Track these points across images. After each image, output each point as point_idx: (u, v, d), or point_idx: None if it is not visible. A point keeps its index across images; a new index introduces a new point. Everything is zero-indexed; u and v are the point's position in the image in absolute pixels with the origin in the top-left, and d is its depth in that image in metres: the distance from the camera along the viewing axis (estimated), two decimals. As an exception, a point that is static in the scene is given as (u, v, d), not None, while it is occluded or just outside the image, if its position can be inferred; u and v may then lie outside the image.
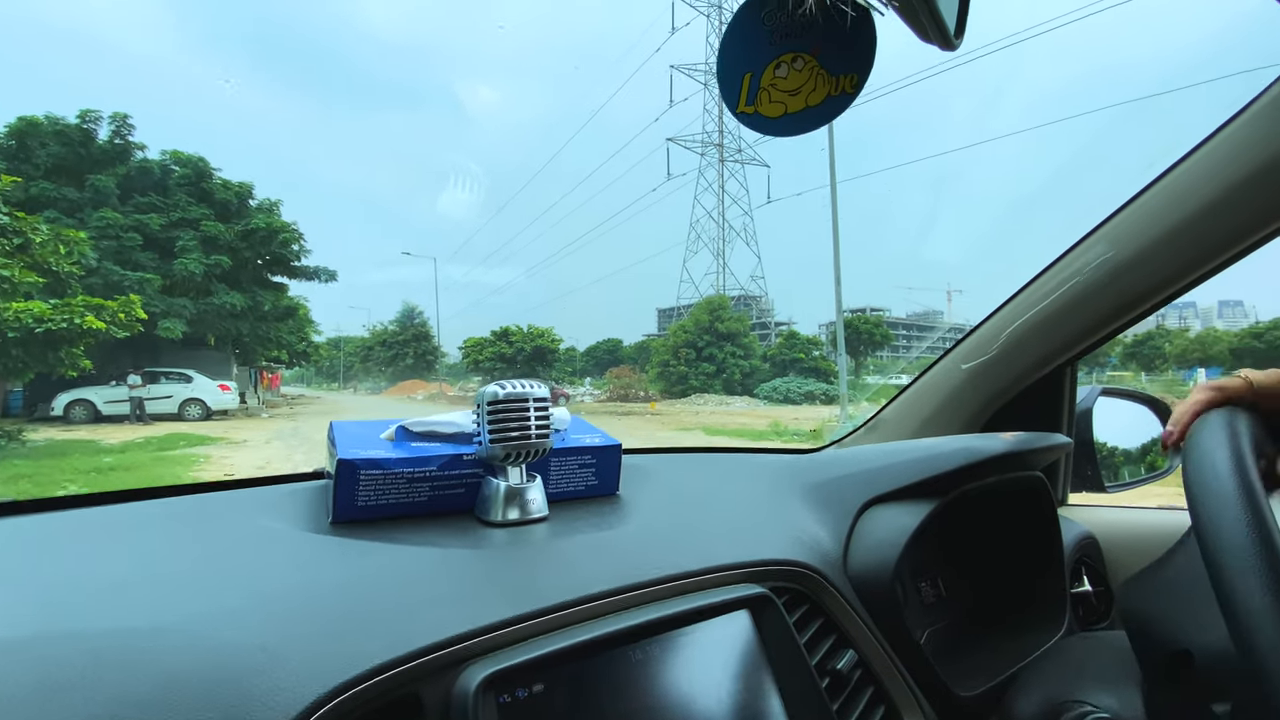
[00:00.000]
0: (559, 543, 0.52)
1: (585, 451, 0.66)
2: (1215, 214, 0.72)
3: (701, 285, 40.32)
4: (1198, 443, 0.41)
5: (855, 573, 0.58)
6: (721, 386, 24.46)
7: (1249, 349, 19.74)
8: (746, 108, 0.38)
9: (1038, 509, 0.76)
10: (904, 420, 1.10)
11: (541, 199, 56.44)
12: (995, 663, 0.65)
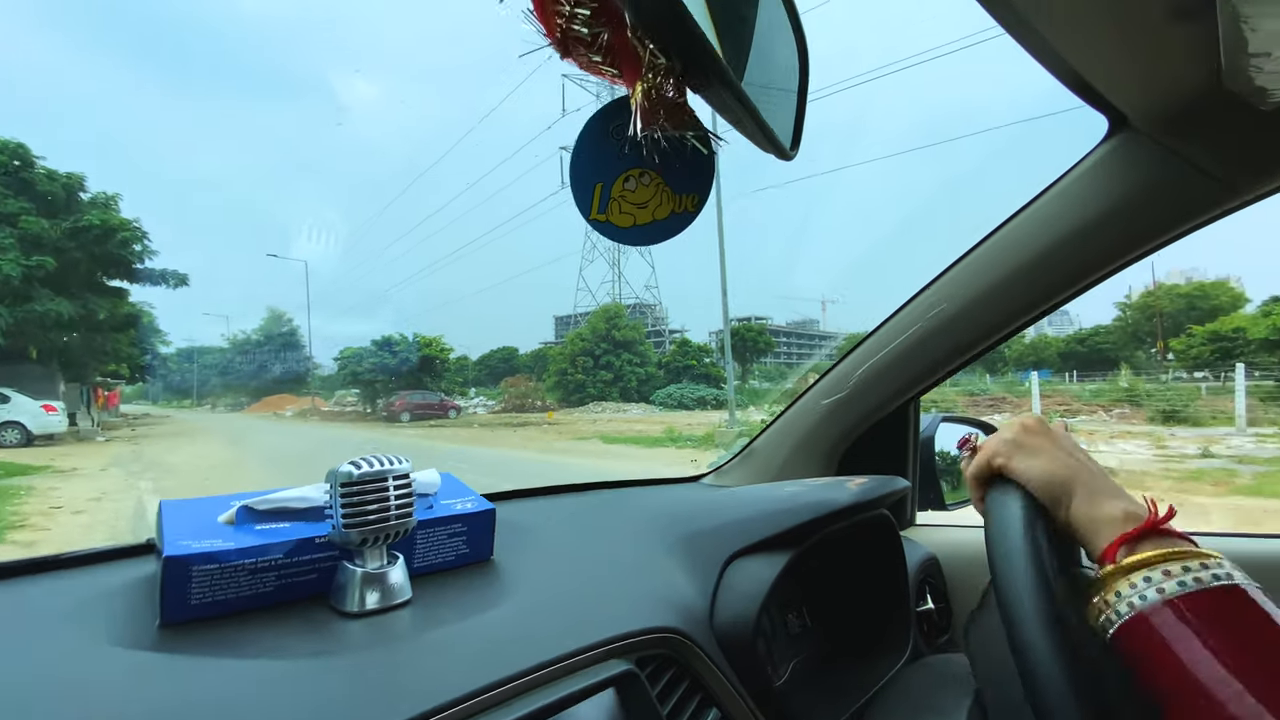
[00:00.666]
0: (424, 636, 0.50)
1: (456, 520, 0.64)
2: (1030, 274, 0.84)
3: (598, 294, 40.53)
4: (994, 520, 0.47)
5: (720, 627, 0.60)
6: (619, 394, 24.68)
7: (1073, 352, 22.98)
8: (599, 215, 0.39)
9: (885, 542, 0.83)
10: (774, 451, 1.17)
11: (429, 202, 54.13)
12: (847, 693, 0.70)
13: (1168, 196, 0.70)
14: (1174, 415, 12.28)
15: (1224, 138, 0.65)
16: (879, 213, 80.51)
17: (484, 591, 0.58)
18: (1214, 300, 19.85)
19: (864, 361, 1.04)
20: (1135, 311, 21.70)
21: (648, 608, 0.57)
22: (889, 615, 0.82)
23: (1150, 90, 0.62)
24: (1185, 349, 17.27)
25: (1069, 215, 0.78)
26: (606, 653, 0.50)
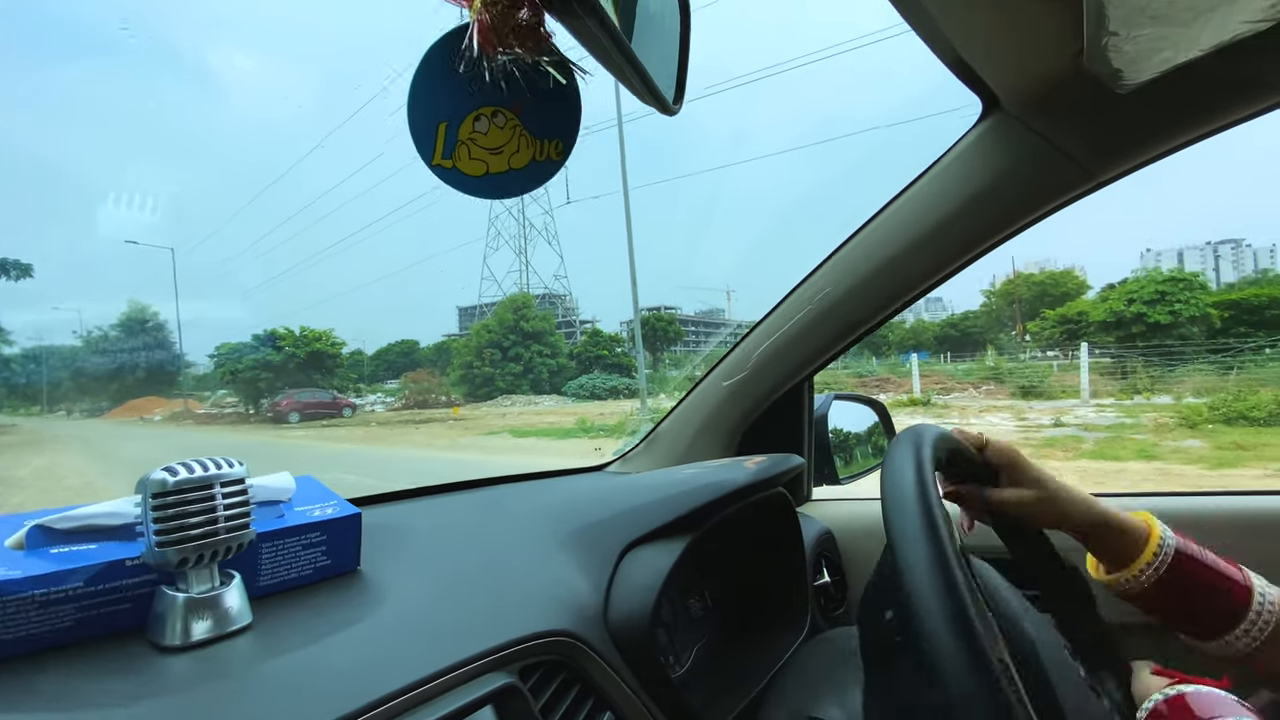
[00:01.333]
0: (262, 667, 0.42)
1: (312, 529, 0.55)
2: (909, 255, 0.86)
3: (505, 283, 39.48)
4: (891, 458, 0.47)
5: (615, 623, 0.57)
6: (529, 386, 24.23)
7: (947, 335, 25.14)
8: (443, 161, 0.33)
9: (782, 520, 0.83)
10: (679, 434, 1.15)
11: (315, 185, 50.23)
12: (749, 674, 0.69)
13: (1033, 178, 0.74)
14: (1031, 390, 13.78)
15: (1083, 121, 0.69)
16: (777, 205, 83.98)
17: (343, 609, 0.51)
18: (1063, 287, 22.41)
19: (761, 343, 1.04)
20: (998, 298, 24.07)
21: (535, 611, 0.52)
22: (788, 591, 0.82)
23: (1020, 71, 0.65)
24: (1040, 331, 19.40)
25: (945, 198, 0.81)
26: (484, 666, 0.45)
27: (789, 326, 0.99)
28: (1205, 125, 0.66)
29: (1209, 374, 13.27)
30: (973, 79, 0.68)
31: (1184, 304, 15.85)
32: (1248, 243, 55.27)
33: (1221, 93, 0.63)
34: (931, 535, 0.39)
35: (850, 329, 0.98)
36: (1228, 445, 8.01)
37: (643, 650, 0.55)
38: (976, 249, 0.81)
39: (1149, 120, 0.67)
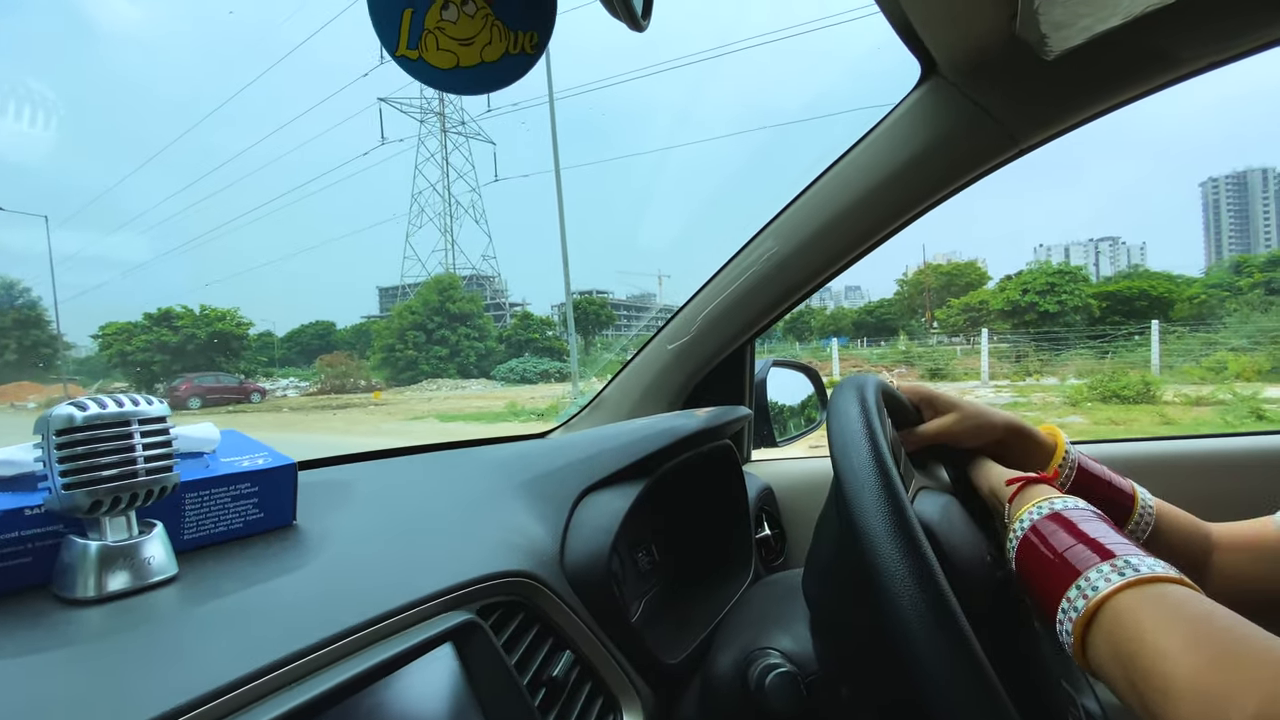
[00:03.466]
0: (190, 613, 0.38)
1: (241, 479, 0.51)
2: (849, 218, 0.88)
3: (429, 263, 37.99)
4: (836, 401, 0.49)
5: (572, 565, 0.56)
6: (456, 370, 23.53)
7: (864, 322, 26.46)
8: (409, 51, 0.31)
9: (728, 471, 0.85)
10: (623, 398, 1.15)
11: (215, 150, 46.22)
12: (698, 620, 0.71)
13: (964, 143, 0.78)
14: (938, 373, 14.78)
15: (1012, 87, 0.73)
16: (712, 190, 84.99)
17: (280, 558, 0.47)
18: (967, 278, 24.03)
19: (706, 306, 1.05)
20: (910, 287, 25.53)
21: (490, 554, 0.51)
22: (733, 541, 0.84)
23: (959, 35, 0.67)
24: (946, 318, 20.78)
25: (883, 160, 0.84)
26: (442, 605, 0.43)
27: (733, 289, 1.01)
28: (1121, 94, 0.72)
29: (1089, 357, 14.70)
30: (915, 42, 0.70)
31: (1069, 294, 17.41)
32: (1123, 240, 61.21)
33: (1136, 63, 0.68)
34: (876, 455, 0.41)
35: (791, 291, 1.01)
36: (1103, 420, 8.93)
37: (600, 591, 0.55)
38: (910, 213, 0.85)
39: (1071, 88, 0.72)
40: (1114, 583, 0.39)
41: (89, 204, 45.94)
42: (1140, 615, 0.37)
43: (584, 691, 0.50)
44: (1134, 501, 0.63)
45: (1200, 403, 9.58)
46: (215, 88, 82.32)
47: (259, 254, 47.74)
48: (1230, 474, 0.88)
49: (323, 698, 0.34)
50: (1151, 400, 10.01)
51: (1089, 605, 0.39)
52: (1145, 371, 12.07)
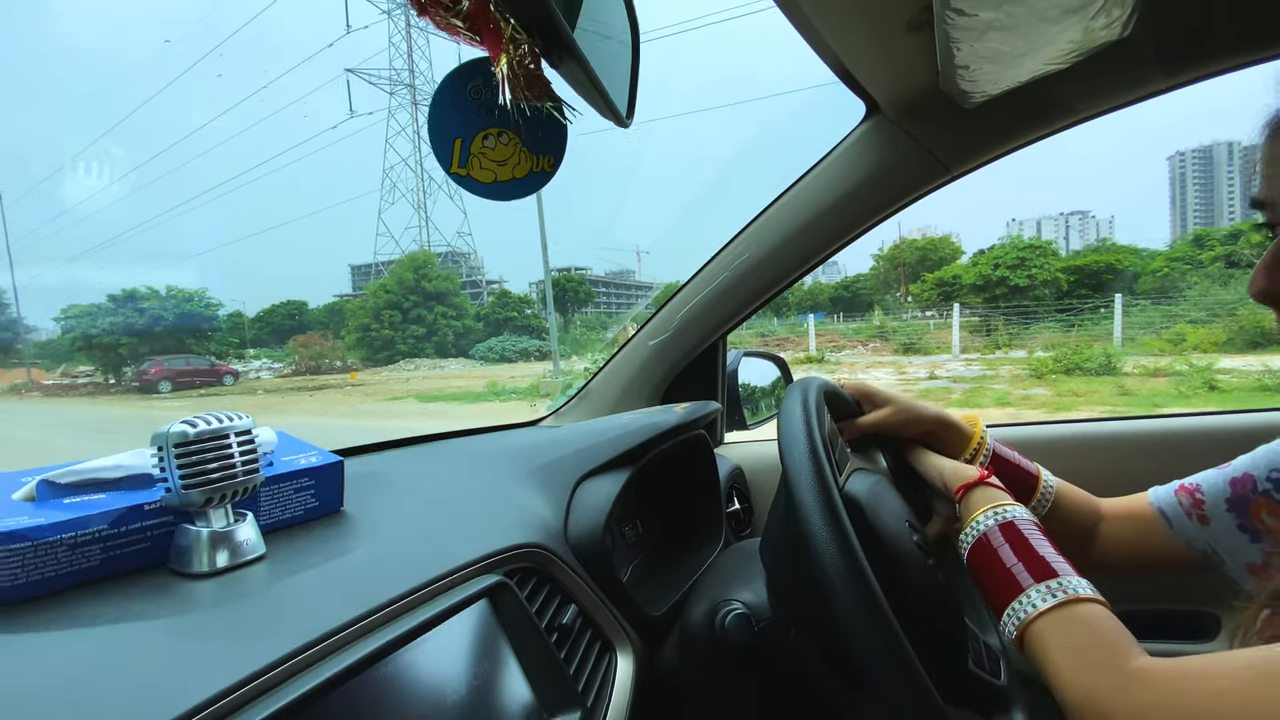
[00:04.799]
0: (284, 583, 0.50)
1: (302, 475, 0.62)
2: (807, 232, 1.01)
3: (403, 240, 37.33)
4: (784, 403, 0.61)
5: (574, 538, 0.69)
6: (434, 349, 23.36)
7: (840, 297, 26.89)
8: (459, 170, 0.41)
9: (702, 456, 0.98)
10: (607, 390, 1.27)
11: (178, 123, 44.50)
12: (677, 581, 0.84)
13: (903, 171, 0.90)
14: (911, 347, 15.15)
15: (943, 127, 0.85)
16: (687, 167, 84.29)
17: (342, 539, 0.59)
18: (941, 252, 24.51)
19: (684, 305, 1.17)
20: (885, 262, 25.95)
21: (510, 530, 0.63)
22: (707, 516, 0.97)
23: (894, 84, 0.79)
24: (920, 293, 21.21)
25: (837, 182, 0.96)
26: (476, 570, 0.55)
27: (708, 291, 1.13)
28: (1032, 134, 0.85)
29: (1056, 330, 15.16)
30: (855, 85, 0.82)
31: (1039, 269, 17.82)
32: (1093, 214, 62.50)
33: (1042, 110, 0.81)
34: (811, 449, 0.53)
35: (759, 293, 1.13)
36: (1066, 392, 9.31)
37: (598, 559, 0.67)
38: (858, 229, 0.98)
39: (992, 128, 0.85)
40: (1047, 603, 0.51)
41: (49, 177, 44.10)
42: (1052, 637, 0.50)
43: (586, 636, 0.63)
44: (1038, 481, 0.77)
45: (1158, 374, 10.03)
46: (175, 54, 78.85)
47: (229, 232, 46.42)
48: (1125, 454, 1.03)
49: (396, 640, 0.46)
50: (1112, 372, 10.44)
51: (1024, 621, 0.52)
52: (1108, 344, 12.55)
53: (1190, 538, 0.68)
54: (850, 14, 0.64)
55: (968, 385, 10.03)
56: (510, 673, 0.53)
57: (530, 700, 0.53)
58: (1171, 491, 0.71)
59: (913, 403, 0.80)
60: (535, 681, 0.54)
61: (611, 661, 0.64)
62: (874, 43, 0.70)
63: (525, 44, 0.35)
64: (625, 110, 0.49)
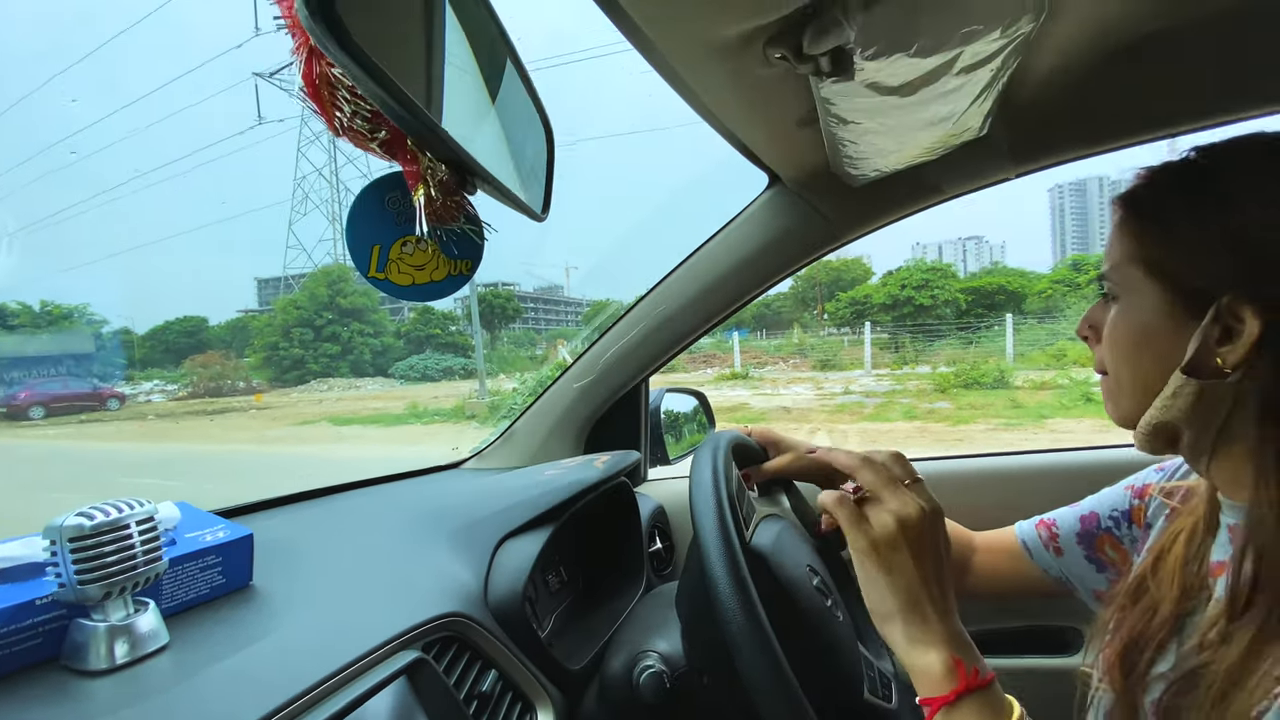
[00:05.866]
0: (189, 681, 0.49)
1: (208, 553, 0.61)
2: (716, 289, 1.08)
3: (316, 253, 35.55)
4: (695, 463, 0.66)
5: (494, 601, 0.70)
6: (349, 369, 22.25)
7: (763, 314, 27.91)
8: (377, 274, 0.43)
9: (624, 502, 1.02)
10: (533, 431, 1.29)
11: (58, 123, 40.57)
12: (599, 629, 0.87)
13: (802, 235, 0.99)
14: (827, 363, 15.93)
15: (836, 199, 0.94)
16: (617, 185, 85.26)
17: (250, 622, 0.58)
18: (853, 273, 25.99)
19: (608, 349, 1.21)
20: (803, 281, 27.20)
21: (428, 599, 0.64)
22: (629, 559, 1.01)
23: (791, 163, 0.87)
24: (835, 311, 22.38)
25: (740, 246, 1.04)
26: (394, 648, 0.56)
27: (631, 336, 1.17)
28: (910, 209, 0.96)
29: (956, 347, 16.39)
30: (757, 161, 0.89)
31: (941, 289, 19.26)
32: (987, 239, 68.21)
33: (916, 190, 0.92)
34: (719, 511, 0.58)
35: (677, 340, 1.19)
36: (966, 405, 10.07)
37: (517, 621, 0.69)
38: (761, 286, 1.07)
39: (877, 203, 0.95)
40: None
41: (-116, 179, 38.66)
42: None
43: (507, 700, 0.65)
44: None
45: (1044, 387, 11.04)
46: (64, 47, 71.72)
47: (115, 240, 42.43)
48: (999, 487, 1.16)
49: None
50: (1006, 386, 11.41)
51: None
52: (1001, 359, 13.70)
53: (1047, 566, 0.78)
54: (746, 109, 0.70)
55: (879, 400, 10.66)
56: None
57: (450, 774, 0.54)
58: (1033, 525, 0.81)
59: (811, 449, 0.87)
60: (455, 756, 0.55)
61: (532, 721, 0.66)
62: (770, 132, 0.77)
63: (441, 174, 0.38)
64: (541, 206, 0.53)
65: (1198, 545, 0.57)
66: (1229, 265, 0.46)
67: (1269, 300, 0.44)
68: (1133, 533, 0.71)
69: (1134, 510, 0.71)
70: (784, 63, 0.51)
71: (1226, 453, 0.50)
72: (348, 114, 0.36)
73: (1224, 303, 0.46)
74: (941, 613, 0.50)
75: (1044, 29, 0.59)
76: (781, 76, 0.57)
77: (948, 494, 1.18)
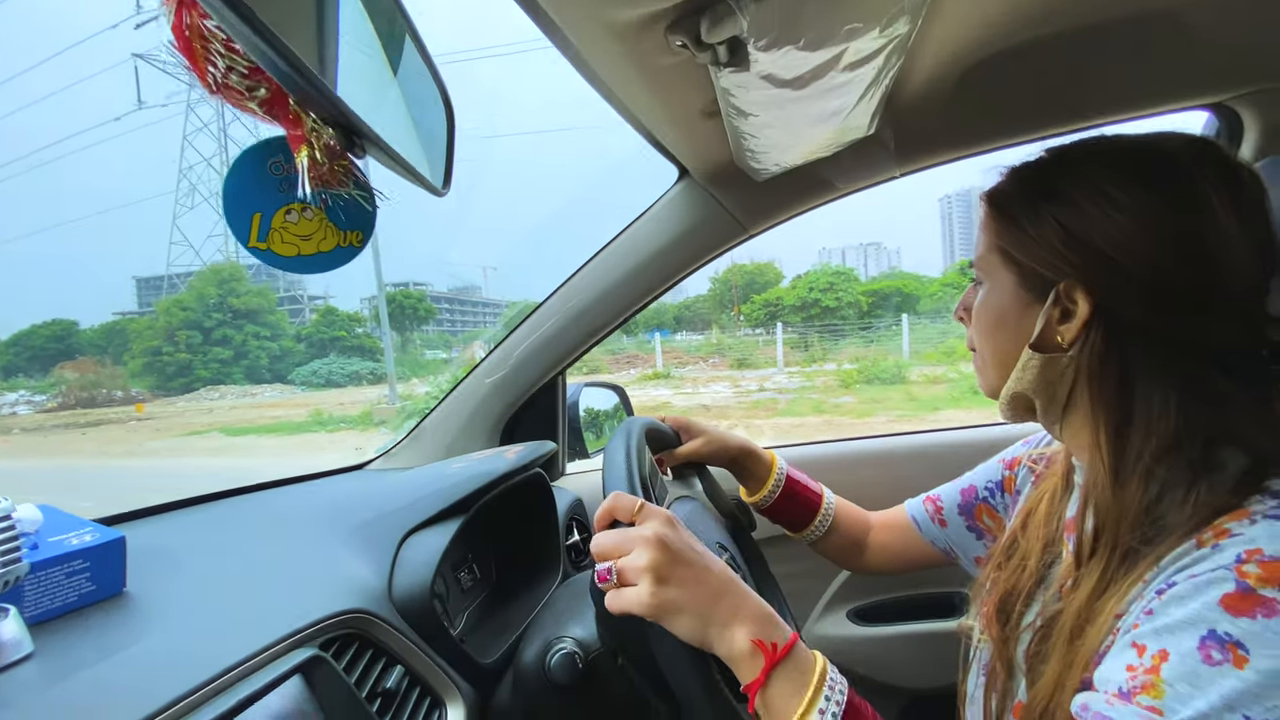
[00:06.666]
0: (56, 688, 0.44)
1: (74, 557, 0.55)
2: (627, 282, 1.09)
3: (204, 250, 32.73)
4: (609, 447, 0.66)
5: (399, 598, 0.67)
6: (244, 375, 20.61)
7: (683, 315, 28.46)
8: (259, 244, 0.40)
9: (538, 493, 1.01)
10: (442, 429, 1.25)
11: (-127, 97, 35.13)
12: (514, 622, 0.85)
13: (709, 230, 1.03)
14: (744, 362, 16.48)
15: (742, 193, 0.98)
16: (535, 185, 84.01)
17: (124, 627, 0.53)
18: (766, 277, 27.04)
19: (520, 343, 1.19)
20: (720, 284, 28.03)
21: (325, 598, 0.60)
22: (545, 552, 1.00)
23: (699, 156, 0.90)
24: (750, 313, 23.21)
25: (651, 239, 1.06)
26: (287, 646, 0.52)
27: (544, 330, 1.16)
28: (809, 204, 1.02)
29: (859, 345, 17.42)
30: (667, 153, 0.91)
31: (845, 291, 20.41)
32: (885, 244, 72.87)
33: (813, 186, 0.97)
34: (630, 490, 0.59)
35: (591, 334, 1.19)
36: (868, 400, 10.73)
37: (425, 616, 0.67)
38: (670, 280, 1.09)
39: (779, 196, 1.00)
40: None
41: None
42: None
43: (414, 696, 0.63)
44: (821, 501, 0.91)
45: (936, 381, 11.94)
46: None
47: (-50, 233, 37.02)
48: (890, 466, 1.25)
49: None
50: (903, 381, 12.25)
51: None
52: (899, 357, 14.70)
53: (934, 538, 0.85)
54: (652, 99, 0.72)
55: (790, 396, 11.16)
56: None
57: (350, 774, 0.52)
58: (921, 502, 0.88)
59: (722, 434, 0.91)
60: (355, 754, 0.53)
61: (441, 717, 0.64)
62: (676, 123, 0.79)
63: (327, 136, 0.36)
64: (441, 180, 0.52)
65: (1058, 503, 0.64)
66: (1063, 256, 0.52)
67: (1096, 285, 0.50)
68: (1005, 500, 0.78)
69: (1005, 480, 0.79)
70: (685, 51, 0.53)
71: (1071, 420, 0.57)
72: (222, 69, 0.33)
73: (1061, 288, 0.52)
74: (732, 605, 0.50)
75: (923, 33, 0.64)
76: (685, 66, 0.59)
77: (845, 473, 1.26)
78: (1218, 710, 0.38)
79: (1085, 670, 0.48)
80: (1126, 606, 0.47)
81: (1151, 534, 0.48)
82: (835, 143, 0.85)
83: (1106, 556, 0.51)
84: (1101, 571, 0.51)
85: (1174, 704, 0.39)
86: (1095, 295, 0.50)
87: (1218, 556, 0.43)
